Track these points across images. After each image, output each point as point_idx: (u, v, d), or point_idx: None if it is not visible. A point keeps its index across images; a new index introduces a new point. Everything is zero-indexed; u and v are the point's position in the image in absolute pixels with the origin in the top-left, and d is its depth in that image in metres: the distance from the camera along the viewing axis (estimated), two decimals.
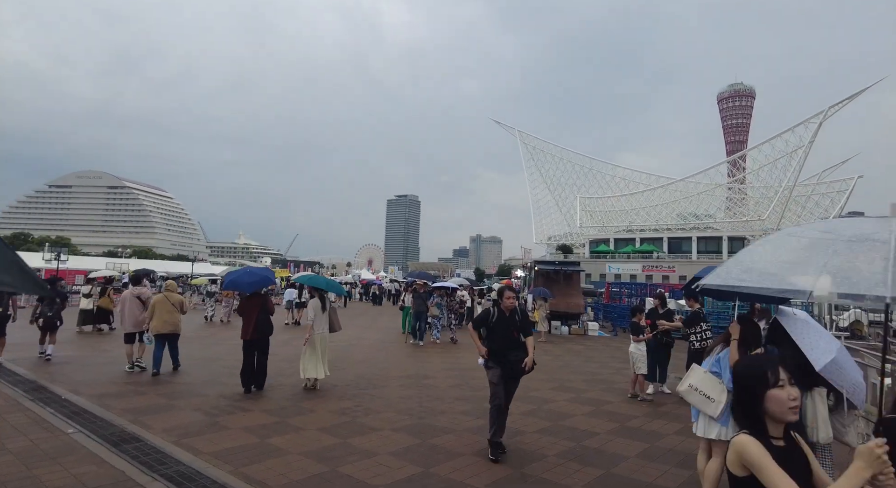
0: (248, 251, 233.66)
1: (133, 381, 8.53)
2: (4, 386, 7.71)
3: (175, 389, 8.08)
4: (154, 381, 8.61)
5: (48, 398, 7.15)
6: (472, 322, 5.98)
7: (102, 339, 14.07)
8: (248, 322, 8.19)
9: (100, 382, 8.36)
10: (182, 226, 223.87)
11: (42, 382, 8.13)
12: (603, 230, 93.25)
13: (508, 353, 5.49)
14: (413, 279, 16.99)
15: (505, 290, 5.84)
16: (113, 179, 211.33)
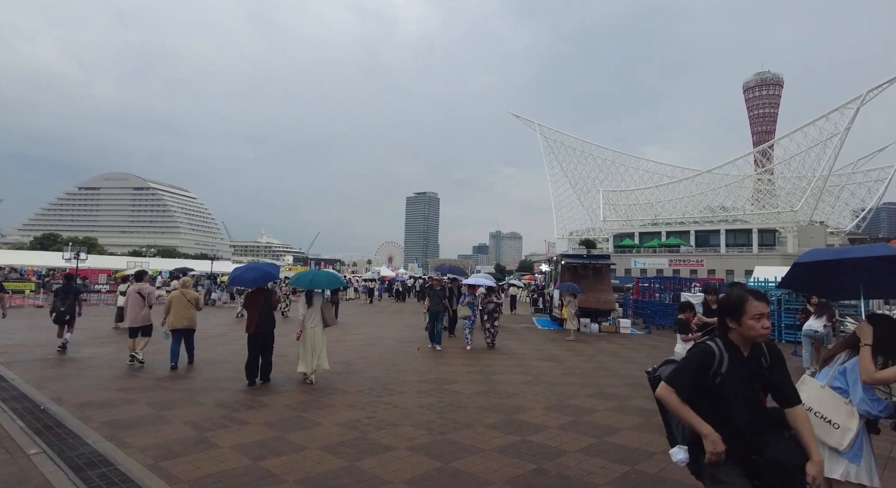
0: (270, 249, 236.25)
1: (125, 386, 7.75)
2: None
3: (168, 396, 7.26)
4: (148, 386, 7.82)
5: (26, 408, 6.38)
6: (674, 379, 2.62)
7: None
8: (251, 316, 8.41)
9: (91, 387, 7.60)
10: (206, 226, 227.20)
11: (26, 389, 7.41)
12: (627, 224, 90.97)
13: (764, 445, 2.46)
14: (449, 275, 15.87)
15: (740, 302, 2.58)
16: (138, 180, 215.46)
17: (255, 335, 8.30)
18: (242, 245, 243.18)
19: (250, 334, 8.34)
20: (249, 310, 8.55)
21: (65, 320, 10.84)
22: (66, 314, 10.84)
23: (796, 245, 68.47)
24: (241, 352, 10.43)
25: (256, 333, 8.29)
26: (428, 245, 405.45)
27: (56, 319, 10.83)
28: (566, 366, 10.73)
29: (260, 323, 8.32)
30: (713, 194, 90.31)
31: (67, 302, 10.95)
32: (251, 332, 8.33)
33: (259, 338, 8.31)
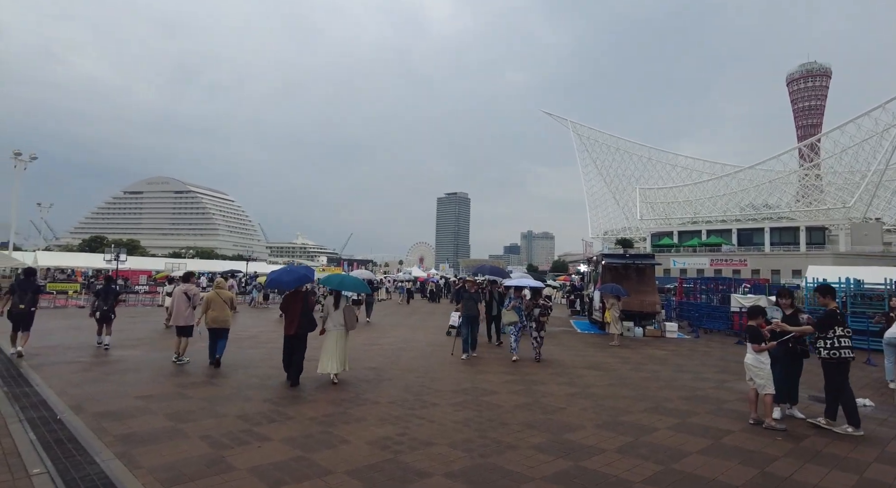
0: (305, 251, 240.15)
1: (147, 394, 7.37)
2: (3, 402, 6.73)
3: (189, 406, 6.82)
4: (169, 394, 7.41)
5: (42, 418, 6.05)
6: None
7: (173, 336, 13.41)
8: (290, 318, 8.50)
9: (113, 394, 7.26)
10: (243, 228, 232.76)
11: (48, 394, 7.14)
12: (665, 222, 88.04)
13: None
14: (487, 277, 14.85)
15: None
16: (179, 184, 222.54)
17: (293, 337, 8.41)
18: (278, 246, 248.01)
19: (288, 336, 8.43)
20: (288, 312, 8.62)
21: (110, 318, 11.49)
22: (110, 312, 11.51)
23: (849, 243, 64.73)
24: (270, 357, 10.25)
25: (297, 335, 8.39)
26: (459, 245, 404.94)
27: (100, 318, 11.46)
28: (614, 375, 9.88)
29: (300, 325, 8.41)
30: (756, 191, 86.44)
31: (109, 302, 11.60)
32: (290, 335, 8.41)
33: (295, 340, 8.41)
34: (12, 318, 10.12)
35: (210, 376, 8.83)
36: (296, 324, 8.40)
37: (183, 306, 10.09)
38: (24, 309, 10.12)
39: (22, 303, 10.10)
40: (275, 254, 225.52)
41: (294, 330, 8.39)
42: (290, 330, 8.44)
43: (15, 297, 10.18)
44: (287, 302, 8.79)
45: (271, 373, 9.00)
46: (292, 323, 8.43)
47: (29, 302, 10.20)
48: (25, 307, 10.13)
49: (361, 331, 16.28)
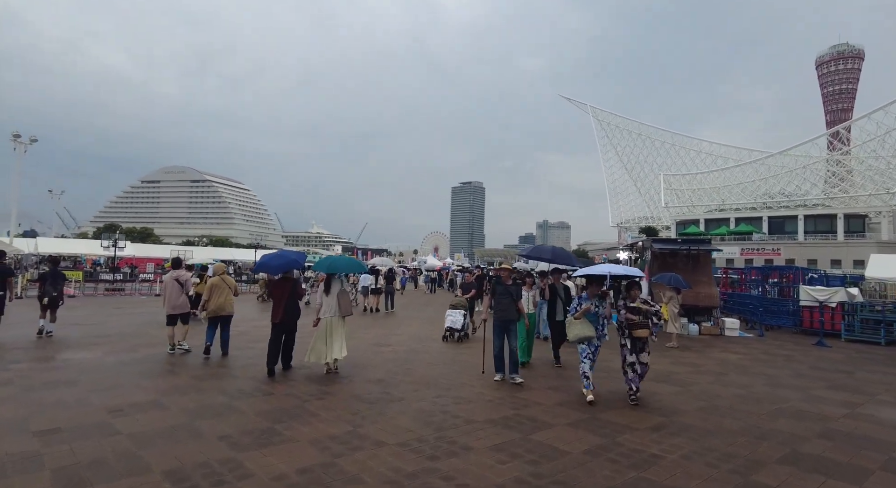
0: (320, 240, 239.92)
1: (103, 406, 5.25)
2: None
3: (154, 423, 4.66)
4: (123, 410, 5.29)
5: None
6: None
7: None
8: (276, 305, 8.21)
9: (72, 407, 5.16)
10: (259, 217, 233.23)
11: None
12: (691, 210, 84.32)
13: None
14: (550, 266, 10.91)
15: None
16: (196, 173, 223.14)
17: (280, 325, 8.08)
18: (294, 235, 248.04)
19: (275, 324, 8.09)
20: (274, 298, 8.30)
21: (56, 303, 11.09)
22: (59, 298, 11.14)
23: (892, 231, 60.90)
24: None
25: (282, 323, 8.08)
26: (473, 235, 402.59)
27: (48, 303, 10.97)
28: (696, 392, 7.49)
29: (286, 312, 8.09)
30: (788, 177, 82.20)
31: (58, 286, 11.16)
32: (276, 322, 8.08)
33: (283, 327, 8.13)
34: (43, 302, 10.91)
35: (208, 372, 6.70)
36: (281, 312, 8.05)
37: (176, 293, 9.68)
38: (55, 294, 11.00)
39: (55, 291, 11.01)
40: (290, 242, 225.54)
41: (280, 318, 8.03)
42: (276, 317, 8.08)
43: (47, 285, 11.06)
44: (272, 288, 8.44)
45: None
46: (278, 310, 8.09)
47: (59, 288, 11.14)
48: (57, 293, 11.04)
49: (371, 326, 14.11)
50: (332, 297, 8.17)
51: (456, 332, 11.83)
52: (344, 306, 8.22)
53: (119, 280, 28.77)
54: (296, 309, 8.37)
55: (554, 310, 9.81)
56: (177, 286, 9.80)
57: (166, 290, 9.85)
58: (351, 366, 8.73)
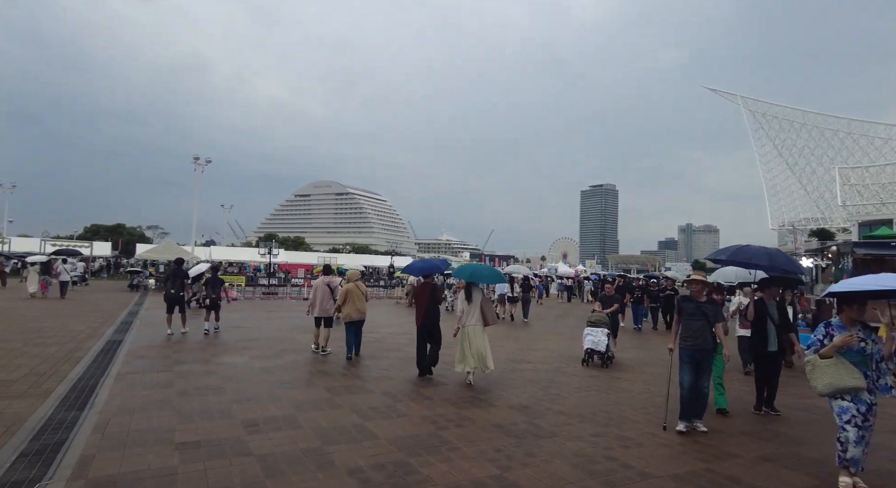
0: (449, 247, 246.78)
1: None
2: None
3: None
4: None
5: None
6: None
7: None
8: (419, 308, 8.54)
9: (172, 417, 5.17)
10: (394, 226, 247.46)
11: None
12: (879, 209, 70.48)
13: None
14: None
15: None
16: (339, 187, 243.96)
17: (422, 326, 8.39)
18: (425, 243, 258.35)
19: (419, 325, 8.45)
20: (417, 301, 8.69)
21: (218, 305, 12.53)
22: (218, 300, 12.53)
23: None
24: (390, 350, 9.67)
25: (424, 324, 8.37)
26: (605, 240, 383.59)
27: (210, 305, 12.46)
28: None
29: (427, 315, 8.35)
30: None
31: (178, 286, 12.25)
32: (419, 324, 8.43)
33: (426, 329, 8.37)
34: (167, 301, 12.14)
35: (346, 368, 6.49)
36: (422, 314, 8.36)
37: (325, 297, 10.24)
38: (175, 293, 12.10)
39: (173, 288, 12.14)
40: (422, 250, 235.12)
41: (421, 319, 8.36)
42: (419, 319, 8.46)
43: (168, 284, 12.38)
44: (416, 292, 8.85)
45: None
46: (420, 312, 8.42)
47: (178, 287, 12.19)
48: (176, 291, 12.11)
49: (506, 338, 13.24)
50: (475, 306, 8.05)
51: (598, 356, 9.89)
52: (488, 315, 8.10)
53: (274, 284, 31.64)
54: (436, 312, 8.50)
55: (764, 335, 6.97)
56: (327, 291, 10.35)
57: (316, 294, 10.35)
58: (490, 384, 7.92)
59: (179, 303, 12.20)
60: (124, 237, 68.78)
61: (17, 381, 6.95)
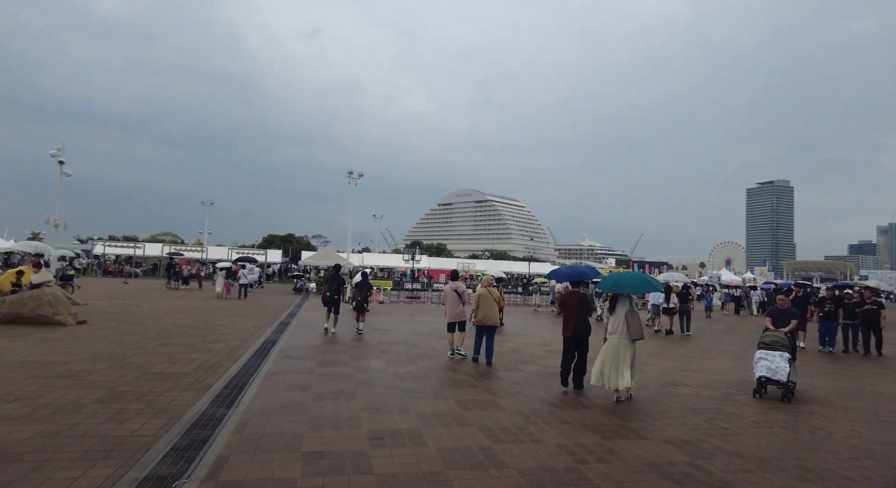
0: (592, 253, 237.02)
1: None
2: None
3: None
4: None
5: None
6: None
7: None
8: (567, 319, 8.12)
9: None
10: (533, 231, 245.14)
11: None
12: None
13: None
14: None
15: None
16: (479, 195, 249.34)
17: (570, 339, 7.98)
18: (566, 248, 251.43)
19: (566, 338, 8.05)
20: (565, 311, 8.23)
21: (363, 308, 13.60)
22: (364, 302, 13.63)
23: None
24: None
25: (573, 338, 7.94)
26: (779, 244, 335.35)
27: (355, 307, 13.71)
28: None
29: (577, 327, 7.89)
30: None
31: (363, 292, 13.65)
32: (567, 336, 8.01)
33: (574, 342, 7.94)
34: (324, 303, 13.20)
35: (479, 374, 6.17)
36: (572, 326, 7.90)
37: (455, 303, 10.29)
38: (331, 296, 13.13)
39: (329, 291, 13.24)
40: (562, 256, 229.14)
41: (571, 331, 7.90)
42: (566, 331, 8.00)
43: (325, 287, 13.66)
44: (564, 301, 8.42)
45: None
46: (569, 324, 7.97)
47: (334, 290, 13.24)
48: (331, 294, 13.14)
49: (661, 355, 11.72)
50: (619, 316, 7.51)
51: (777, 386, 7.79)
52: (633, 328, 7.42)
53: (417, 289, 32.92)
54: (586, 323, 8.00)
55: None
56: (455, 296, 10.38)
57: (447, 300, 10.51)
58: (641, 409, 6.86)
59: (335, 305, 13.13)
60: (293, 245, 77.75)
61: (188, 374, 7.71)
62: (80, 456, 4.38)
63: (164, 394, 6.50)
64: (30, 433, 4.89)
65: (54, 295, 11.80)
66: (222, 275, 26.80)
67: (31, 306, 11.48)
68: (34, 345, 9.32)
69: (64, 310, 11.70)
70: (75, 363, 7.99)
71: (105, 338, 10.44)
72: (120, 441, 4.80)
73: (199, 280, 33.30)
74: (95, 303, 17.75)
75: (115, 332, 11.24)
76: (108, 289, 25.21)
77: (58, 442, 4.67)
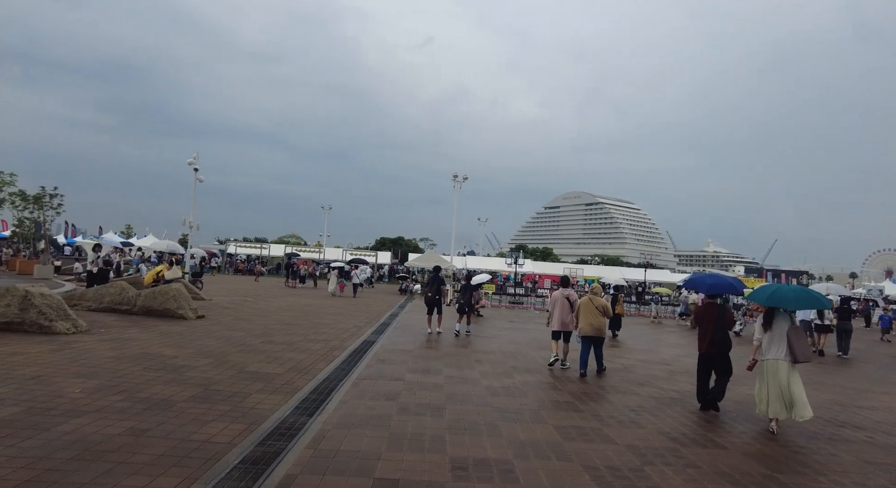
0: (717, 259, 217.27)
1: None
2: None
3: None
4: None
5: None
6: None
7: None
8: (702, 332, 7.46)
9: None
10: (650, 236, 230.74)
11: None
12: None
13: None
14: None
15: None
16: (589, 197, 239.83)
17: (705, 355, 7.41)
18: (687, 254, 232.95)
19: (701, 353, 7.49)
20: (700, 324, 7.63)
21: (464, 311, 13.67)
22: (466, 306, 13.75)
23: None
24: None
25: (708, 353, 7.35)
26: None
27: (458, 310, 13.90)
28: None
29: (713, 342, 7.25)
30: None
31: (466, 295, 13.85)
32: (702, 352, 7.44)
33: (710, 359, 7.35)
34: (427, 303, 13.75)
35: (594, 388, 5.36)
36: (708, 340, 7.28)
37: (565, 311, 9.87)
38: (433, 297, 13.55)
39: (430, 292, 13.71)
40: (683, 262, 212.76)
41: (706, 347, 7.29)
42: (701, 346, 7.45)
43: (427, 288, 14.19)
44: (700, 312, 7.81)
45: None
46: (705, 337, 7.38)
47: (435, 291, 13.62)
48: (433, 295, 13.57)
49: (818, 384, 9.67)
50: (778, 335, 6.49)
51: None
52: (798, 349, 6.40)
53: (520, 294, 31.90)
54: (725, 338, 7.29)
55: None
56: (566, 304, 9.95)
57: (555, 307, 10.10)
58: (793, 457, 5.44)
59: (437, 306, 13.52)
60: (403, 247, 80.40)
61: (280, 375, 7.65)
62: (153, 460, 4.23)
63: (252, 396, 6.39)
64: (120, 429, 4.90)
65: (178, 290, 12.76)
66: (335, 274, 28.21)
67: (160, 300, 12.52)
68: (156, 338, 9.99)
69: (186, 304, 12.60)
70: (183, 358, 8.33)
71: (215, 334, 10.98)
72: (196, 446, 4.62)
73: (315, 278, 35.29)
74: (219, 298, 19.25)
75: (226, 328, 11.82)
76: (234, 286, 27.49)
77: (140, 442, 4.60)
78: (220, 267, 45.31)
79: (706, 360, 7.41)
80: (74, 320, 9.58)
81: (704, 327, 7.48)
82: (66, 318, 9.42)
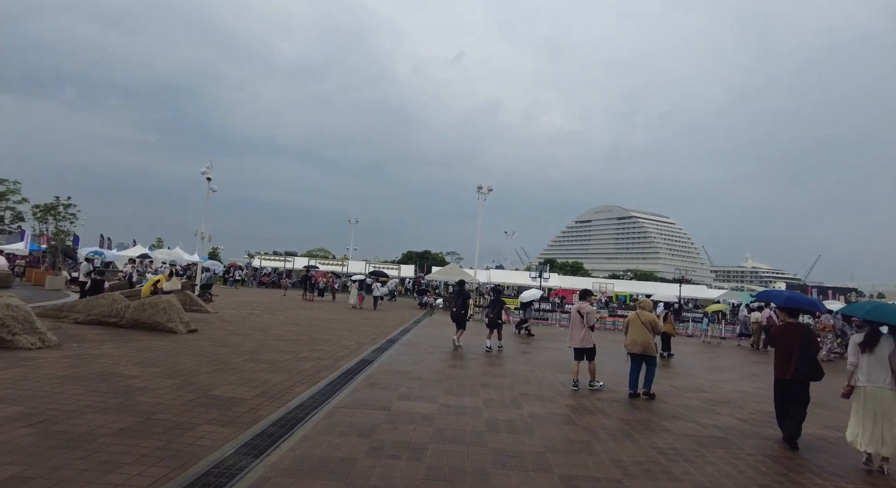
0: (756, 275, 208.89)
1: None
2: None
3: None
4: None
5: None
6: None
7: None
8: (784, 357, 6.60)
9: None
10: (685, 250, 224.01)
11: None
12: None
13: None
14: None
15: None
16: (621, 211, 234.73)
17: (787, 382, 6.51)
18: (724, 270, 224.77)
19: (777, 379, 6.71)
20: (778, 345, 6.80)
21: (495, 324, 13.37)
22: (496, 319, 13.49)
23: None
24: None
25: (787, 380, 6.48)
26: None
27: (488, 324, 13.59)
28: None
29: (798, 369, 6.37)
30: None
31: (496, 309, 13.64)
32: (785, 378, 6.50)
33: (789, 385, 6.50)
34: (453, 319, 13.63)
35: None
36: (792, 367, 6.41)
37: (578, 327, 9.18)
38: (457, 311, 13.49)
39: (454, 307, 13.69)
40: (720, 278, 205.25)
41: (790, 373, 6.43)
42: (781, 371, 6.60)
43: (451, 303, 14.12)
44: (776, 333, 6.99)
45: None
46: (788, 362, 6.48)
47: (460, 306, 13.57)
48: (457, 310, 13.51)
49: None
50: (879, 359, 5.68)
51: None
52: None
53: (546, 309, 30.28)
54: (815, 366, 6.48)
55: None
56: (577, 318, 9.26)
57: (571, 323, 9.50)
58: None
59: (462, 321, 13.46)
60: (429, 261, 79.44)
61: (246, 401, 6.62)
62: None
63: (198, 429, 5.35)
64: (7, 472, 3.92)
65: (169, 302, 11.97)
66: (355, 286, 27.47)
67: (149, 312, 11.75)
68: (129, 354, 9.12)
69: (177, 317, 11.80)
70: (144, 378, 7.38)
71: (198, 350, 10.05)
72: None
73: (333, 291, 34.56)
74: (226, 311, 18.52)
75: (214, 344, 10.90)
76: (251, 299, 26.89)
77: None
78: (243, 279, 45.21)
79: (784, 388, 6.66)
80: (42, 334, 8.81)
81: (785, 350, 6.68)
82: (33, 332, 8.66)
